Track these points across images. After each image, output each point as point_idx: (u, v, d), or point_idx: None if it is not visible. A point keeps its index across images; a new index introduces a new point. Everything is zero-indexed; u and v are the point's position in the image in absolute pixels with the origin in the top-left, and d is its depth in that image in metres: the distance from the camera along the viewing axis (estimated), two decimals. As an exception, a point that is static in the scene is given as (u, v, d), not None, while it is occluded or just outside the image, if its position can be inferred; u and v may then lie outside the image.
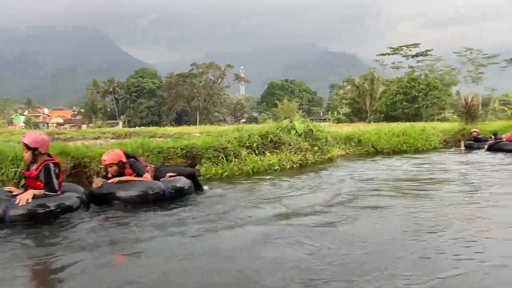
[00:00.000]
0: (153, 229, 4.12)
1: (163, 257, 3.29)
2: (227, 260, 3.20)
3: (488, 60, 56.09)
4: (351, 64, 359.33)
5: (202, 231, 4.03)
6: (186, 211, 4.92)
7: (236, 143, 9.04)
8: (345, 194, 5.92)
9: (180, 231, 4.02)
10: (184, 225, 4.26)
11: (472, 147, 13.66)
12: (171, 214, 4.73)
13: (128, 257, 3.42)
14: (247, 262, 3.17)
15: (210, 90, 78.78)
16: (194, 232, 3.97)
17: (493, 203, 5.21)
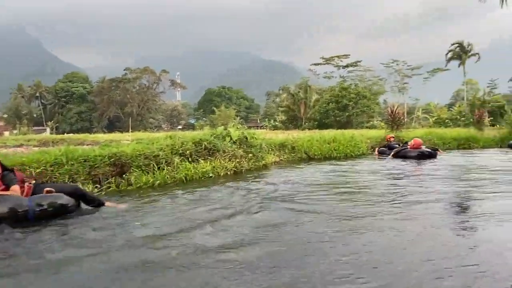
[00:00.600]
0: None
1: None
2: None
3: (412, 71, 60.15)
4: (287, 72, 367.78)
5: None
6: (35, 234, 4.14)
7: (168, 150, 8.79)
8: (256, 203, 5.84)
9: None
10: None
11: (385, 153, 14.21)
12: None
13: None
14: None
15: (144, 95, 76.74)
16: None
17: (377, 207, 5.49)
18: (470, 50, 50.64)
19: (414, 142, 13.49)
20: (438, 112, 47.97)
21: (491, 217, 4.72)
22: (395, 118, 19.52)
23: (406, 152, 13.06)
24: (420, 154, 12.68)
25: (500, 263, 3.20)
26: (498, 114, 38.38)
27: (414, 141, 13.61)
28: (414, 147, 13.17)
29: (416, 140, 13.58)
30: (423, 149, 13.05)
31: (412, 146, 13.29)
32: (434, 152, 13.10)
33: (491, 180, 7.78)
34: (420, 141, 13.60)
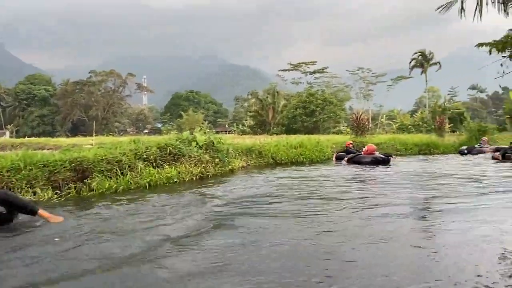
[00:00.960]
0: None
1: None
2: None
3: (376, 78, 61.78)
4: (255, 77, 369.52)
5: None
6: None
7: (131, 155, 8.62)
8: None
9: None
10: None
11: (342, 159, 14.26)
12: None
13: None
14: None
15: (109, 99, 75.15)
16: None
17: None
18: (431, 59, 52.49)
19: (368, 148, 13.68)
20: (401, 118, 49.36)
21: (439, 220, 4.88)
22: (359, 124, 19.97)
23: (360, 158, 13.21)
24: (374, 160, 12.83)
25: (452, 265, 3.31)
26: (458, 121, 39.91)
27: (367, 147, 13.80)
28: (368, 153, 13.35)
29: (369, 146, 13.75)
30: (377, 155, 13.21)
31: (366, 152, 13.48)
32: (387, 158, 13.17)
33: (439, 185, 8.08)
34: (373, 147, 13.77)
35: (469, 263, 3.36)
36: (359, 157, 13.30)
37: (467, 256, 3.56)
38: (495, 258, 3.52)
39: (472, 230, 4.41)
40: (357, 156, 13.44)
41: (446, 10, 11.12)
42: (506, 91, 49.63)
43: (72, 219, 5.15)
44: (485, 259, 3.49)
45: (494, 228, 4.50)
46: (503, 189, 7.41)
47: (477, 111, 75.71)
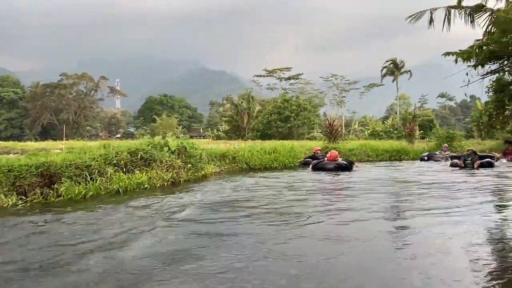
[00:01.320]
0: None
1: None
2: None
3: (350, 86, 62.79)
4: (231, 82, 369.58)
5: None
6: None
7: (101, 160, 8.46)
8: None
9: None
10: None
11: (309, 164, 14.23)
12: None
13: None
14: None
15: (81, 102, 73.57)
16: None
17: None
18: (402, 67, 53.76)
19: (331, 154, 13.74)
20: (373, 125, 50.27)
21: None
22: (333, 130, 20.22)
23: (324, 164, 13.20)
24: (337, 166, 12.90)
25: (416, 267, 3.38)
26: (428, 128, 40.95)
27: (330, 153, 13.87)
28: (331, 159, 13.39)
29: (332, 153, 13.81)
30: (340, 161, 13.28)
31: (329, 158, 13.53)
32: (350, 164, 13.24)
33: (402, 191, 8.29)
34: (336, 153, 13.83)
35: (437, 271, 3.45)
36: (322, 163, 13.31)
37: (434, 266, 3.64)
38: (461, 265, 3.63)
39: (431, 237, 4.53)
40: (320, 162, 13.44)
41: (416, 20, 11.40)
42: (474, 100, 51.35)
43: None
44: (452, 267, 3.59)
45: (458, 235, 4.63)
46: (461, 195, 7.66)
47: (446, 119, 77.88)
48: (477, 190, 8.31)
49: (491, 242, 4.40)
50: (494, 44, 7.27)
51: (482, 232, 4.75)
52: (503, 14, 6.10)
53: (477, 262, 3.59)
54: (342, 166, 12.89)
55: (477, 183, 9.43)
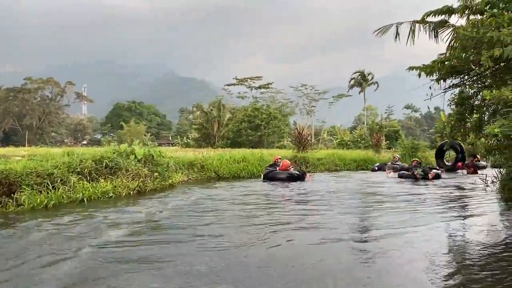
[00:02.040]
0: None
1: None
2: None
3: (319, 95, 63.73)
4: (201, 90, 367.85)
5: None
6: None
7: (64, 168, 8.21)
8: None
9: None
10: None
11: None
12: None
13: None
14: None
15: (46, 108, 71.36)
16: None
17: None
18: (370, 79, 55.07)
19: (282, 163, 13.27)
20: (341, 134, 51.14)
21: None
22: (302, 139, 20.41)
23: (275, 174, 12.79)
24: (289, 176, 12.53)
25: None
26: (394, 138, 41.96)
27: (282, 163, 13.38)
28: (282, 169, 12.98)
29: (284, 162, 13.39)
30: (292, 171, 12.93)
31: (281, 168, 13.09)
32: (302, 174, 12.94)
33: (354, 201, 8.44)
34: (287, 162, 13.42)
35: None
36: (274, 173, 12.89)
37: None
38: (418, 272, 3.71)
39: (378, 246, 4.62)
40: (272, 172, 12.99)
41: (383, 34, 11.70)
42: (438, 111, 53.10)
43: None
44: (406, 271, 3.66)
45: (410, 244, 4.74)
46: (421, 206, 7.88)
47: (411, 129, 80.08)
48: (432, 200, 8.57)
49: (450, 250, 4.53)
50: (455, 60, 7.54)
51: (442, 241, 4.88)
52: (463, 32, 6.36)
53: (437, 270, 3.68)
54: (294, 176, 12.58)
55: (430, 193, 9.73)
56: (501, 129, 5.06)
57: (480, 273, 3.68)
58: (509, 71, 7.27)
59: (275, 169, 13.29)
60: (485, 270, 3.78)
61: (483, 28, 6.27)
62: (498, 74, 7.94)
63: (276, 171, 12.95)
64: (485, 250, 4.50)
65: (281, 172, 12.79)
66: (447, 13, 8.49)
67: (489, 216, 6.78)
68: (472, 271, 3.75)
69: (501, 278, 3.55)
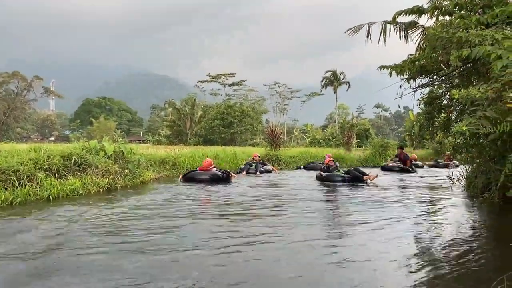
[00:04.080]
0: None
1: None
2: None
3: (292, 94, 64.16)
4: (173, 87, 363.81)
5: None
6: None
7: (31, 165, 7.94)
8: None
9: None
10: None
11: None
12: None
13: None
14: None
15: (11, 102, 68.95)
16: None
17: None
18: (342, 78, 55.85)
19: (204, 163, 11.89)
20: (313, 132, 51.61)
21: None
22: (275, 137, 20.49)
23: (195, 175, 11.31)
24: (212, 177, 11.21)
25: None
26: (364, 137, 42.73)
27: (203, 162, 12.00)
28: (203, 169, 11.61)
29: (205, 161, 12.00)
30: (214, 171, 11.59)
31: (202, 167, 11.74)
32: (227, 174, 11.67)
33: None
34: (210, 161, 12.06)
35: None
36: (194, 173, 11.44)
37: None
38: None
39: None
40: (191, 172, 11.60)
41: (355, 33, 11.85)
42: (407, 110, 54.39)
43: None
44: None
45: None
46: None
47: (381, 128, 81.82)
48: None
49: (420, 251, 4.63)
50: (425, 60, 7.72)
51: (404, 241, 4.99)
52: (433, 32, 6.51)
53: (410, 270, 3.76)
54: (219, 177, 11.29)
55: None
56: (469, 127, 5.21)
57: (444, 269, 3.77)
58: (476, 71, 7.50)
59: (196, 169, 11.81)
60: (450, 265, 3.89)
61: (452, 28, 6.44)
62: (465, 74, 8.19)
63: (195, 172, 11.54)
64: (450, 245, 4.64)
65: (202, 173, 11.37)
66: (417, 13, 8.68)
67: (455, 213, 6.99)
68: (438, 266, 3.84)
69: (464, 273, 3.66)
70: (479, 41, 5.87)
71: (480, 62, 6.49)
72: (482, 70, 6.78)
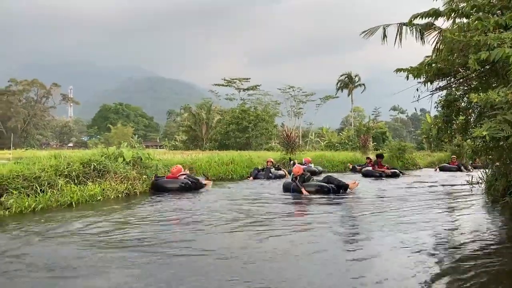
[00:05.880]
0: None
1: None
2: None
3: (306, 97, 64.01)
4: (188, 92, 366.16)
5: None
6: None
7: (52, 171, 8.10)
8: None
9: None
10: None
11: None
12: None
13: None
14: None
15: (31, 110, 70.47)
16: None
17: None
18: (357, 81, 55.55)
19: (172, 169, 10.59)
20: (329, 136, 51.37)
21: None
22: (290, 141, 20.49)
23: (163, 183, 10.06)
24: (183, 186, 10.08)
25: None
26: (381, 140, 42.37)
27: (172, 168, 10.66)
28: (172, 177, 10.26)
29: (174, 168, 10.72)
30: (183, 179, 10.30)
31: (169, 176, 10.37)
32: (197, 182, 10.53)
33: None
34: (179, 167, 10.80)
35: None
36: (162, 181, 10.13)
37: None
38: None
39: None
40: (160, 180, 10.23)
41: (370, 35, 11.79)
42: (424, 113, 53.80)
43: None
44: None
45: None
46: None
47: (398, 131, 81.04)
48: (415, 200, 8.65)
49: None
50: (442, 62, 7.64)
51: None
52: (450, 34, 6.45)
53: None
54: (188, 186, 10.15)
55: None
56: (489, 131, 5.14)
57: (465, 274, 3.72)
58: (495, 74, 7.38)
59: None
60: (471, 269, 3.83)
61: (470, 32, 6.37)
62: (484, 77, 8.06)
63: (163, 180, 10.22)
64: (471, 250, 4.57)
65: (171, 181, 10.15)
66: (434, 15, 8.60)
67: (475, 217, 6.88)
68: (458, 272, 3.79)
69: (486, 280, 3.61)
70: (498, 44, 5.80)
71: (499, 65, 6.40)
72: (501, 72, 6.69)
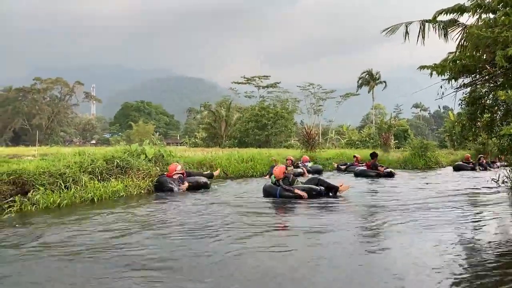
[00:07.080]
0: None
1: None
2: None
3: (326, 95, 63.59)
4: (208, 90, 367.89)
5: None
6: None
7: (76, 168, 8.28)
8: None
9: None
10: None
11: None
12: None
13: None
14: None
15: (55, 107, 72.07)
16: None
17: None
18: (378, 78, 54.86)
19: (170, 168, 9.92)
20: (349, 134, 50.88)
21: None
22: (310, 138, 20.40)
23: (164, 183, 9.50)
24: (168, 189, 9.34)
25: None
26: (403, 137, 41.70)
27: (169, 167, 9.98)
28: (168, 176, 9.72)
29: (171, 166, 10.01)
30: (174, 178, 9.67)
31: (168, 174, 9.80)
32: (199, 182, 10.01)
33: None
34: (172, 166, 9.93)
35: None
36: (163, 180, 9.63)
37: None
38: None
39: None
40: (161, 177, 9.73)
41: (392, 33, 11.64)
42: (447, 110, 52.76)
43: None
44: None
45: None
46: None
47: (420, 128, 79.70)
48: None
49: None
50: (467, 59, 7.47)
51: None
52: (476, 31, 6.31)
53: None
54: (172, 189, 9.38)
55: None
56: (516, 129, 5.01)
57: (488, 276, 3.64)
58: (522, 70, 7.19)
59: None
60: (494, 270, 3.75)
61: (497, 28, 6.21)
62: (510, 73, 7.86)
63: (164, 178, 9.67)
64: (496, 252, 4.47)
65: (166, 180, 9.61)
66: (459, 11, 8.42)
67: (502, 216, 6.72)
68: (480, 274, 3.71)
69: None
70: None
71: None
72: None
